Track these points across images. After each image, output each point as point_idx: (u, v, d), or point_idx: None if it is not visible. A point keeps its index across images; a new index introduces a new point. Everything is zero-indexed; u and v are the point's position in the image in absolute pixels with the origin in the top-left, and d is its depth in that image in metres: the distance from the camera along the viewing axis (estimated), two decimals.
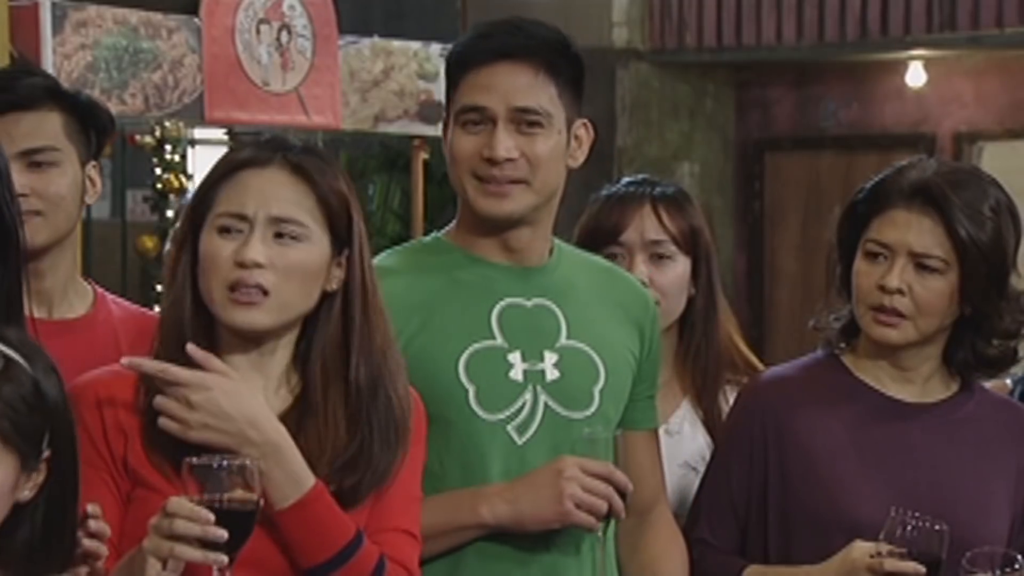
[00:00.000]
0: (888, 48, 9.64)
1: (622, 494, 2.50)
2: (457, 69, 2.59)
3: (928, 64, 9.90)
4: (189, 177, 6.57)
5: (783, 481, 2.71)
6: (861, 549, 2.50)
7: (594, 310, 2.67)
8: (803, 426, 2.71)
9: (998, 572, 2.42)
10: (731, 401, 2.99)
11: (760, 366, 3.18)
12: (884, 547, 2.45)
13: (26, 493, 2.04)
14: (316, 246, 2.27)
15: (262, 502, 2.11)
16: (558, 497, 2.46)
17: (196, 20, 6.41)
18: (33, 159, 2.63)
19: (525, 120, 2.55)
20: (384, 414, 2.30)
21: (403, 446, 2.32)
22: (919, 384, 2.74)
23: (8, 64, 5.58)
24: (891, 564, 2.44)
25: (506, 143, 2.53)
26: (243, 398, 2.23)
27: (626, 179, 3.22)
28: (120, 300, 2.82)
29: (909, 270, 2.65)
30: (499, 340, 2.57)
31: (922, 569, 2.43)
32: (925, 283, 2.65)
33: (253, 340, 2.28)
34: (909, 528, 2.44)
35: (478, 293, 2.59)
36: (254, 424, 2.22)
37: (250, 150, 2.29)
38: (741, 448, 2.75)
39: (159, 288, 6.43)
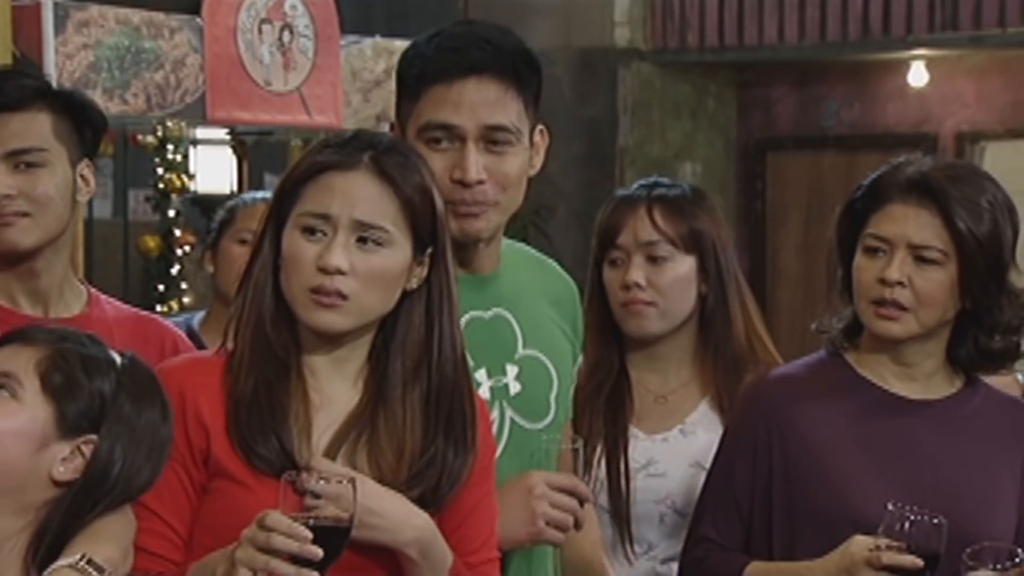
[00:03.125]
0: (890, 48, 9.64)
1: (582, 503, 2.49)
2: (419, 82, 2.49)
3: (930, 64, 9.90)
4: (191, 177, 6.58)
5: (787, 478, 2.71)
6: (860, 543, 2.51)
7: (540, 311, 2.64)
8: (807, 422, 2.72)
9: (998, 566, 2.42)
10: None
11: (780, 361, 3.18)
12: (883, 541, 2.46)
13: (60, 470, 2.07)
14: (398, 251, 2.27)
15: (355, 521, 2.12)
16: (530, 518, 2.44)
17: (198, 20, 6.42)
18: (20, 160, 2.63)
19: (495, 138, 2.47)
20: (458, 415, 2.30)
21: (474, 449, 2.31)
22: (922, 381, 2.75)
23: (11, 64, 5.58)
24: (889, 557, 2.45)
25: (477, 165, 2.45)
26: (385, 492, 2.22)
27: (638, 182, 3.24)
28: (113, 300, 2.83)
29: (909, 262, 2.66)
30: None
31: (920, 562, 2.43)
32: (925, 275, 2.66)
33: (334, 338, 2.28)
34: (907, 522, 2.44)
35: None
36: (410, 517, 2.23)
37: (335, 152, 2.28)
38: (745, 445, 2.75)
39: (160, 288, 6.44)
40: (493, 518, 2.38)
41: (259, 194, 4.32)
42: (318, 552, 2.06)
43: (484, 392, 2.52)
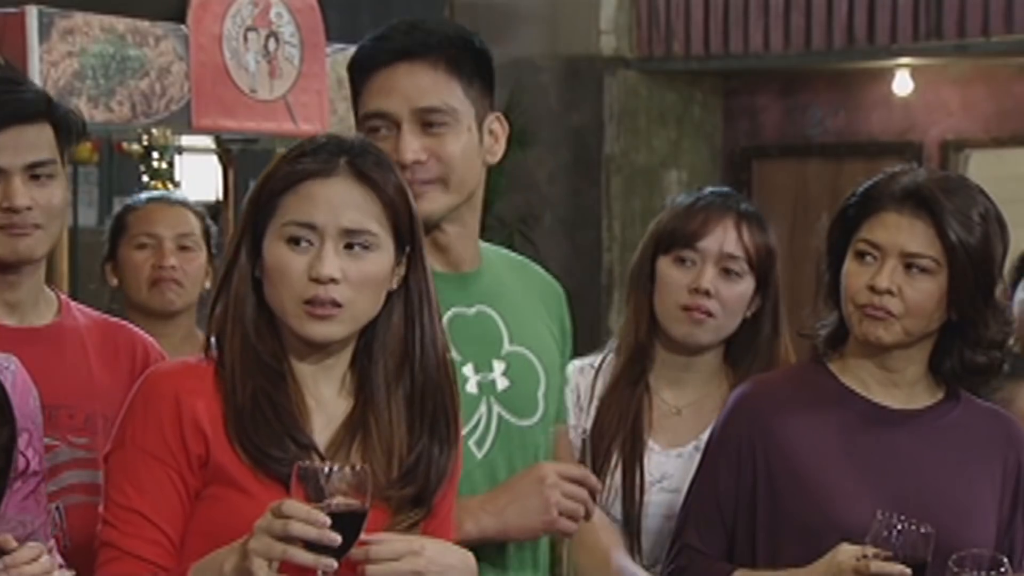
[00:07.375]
0: (875, 56, 9.66)
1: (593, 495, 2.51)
2: (358, 75, 2.54)
3: (915, 72, 9.92)
4: (176, 185, 6.55)
5: (770, 485, 2.72)
6: (847, 552, 2.51)
7: (526, 310, 2.65)
8: (790, 431, 2.72)
9: (983, 574, 2.43)
10: None
11: None
12: (870, 550, 2.46)
13: None
14: (384, 253, 2.27)
15: (369, 507, 2.12)
16: (544, 506, 2.46)
17: (183, 28, 6.40)
18: (35, 172, 2.62)
19: (430, 120, 2.49)
20: (442, 413, 2.31)
21: (457, 445, 2.33)
22: (905, 389, 2.76)
23: None
24: (877, 566, 2.45)
25: (412, 145, 2.48)
26: (439, 542, 2.25)
27: (710, 189, 3.20)
28: (82, 307, 2.81)
29: (899, 271, 2.67)
30: (453, 353, 2.50)
31: (907, 571, 2.44)
32: (915, 284, 2.67)
33: (323, 346, 2.28)
34: (895, 531, 2.44)
35: None
36: (466, 562, 2.27)
37: (311, 159, 2.26)
38: (728, 453, 2.76)
39: None
40: (453, 524, 2.39)
41: (145, 196, 4.14)
42: (337, 538, 2.06)
43: (472, 388, 2.54)
